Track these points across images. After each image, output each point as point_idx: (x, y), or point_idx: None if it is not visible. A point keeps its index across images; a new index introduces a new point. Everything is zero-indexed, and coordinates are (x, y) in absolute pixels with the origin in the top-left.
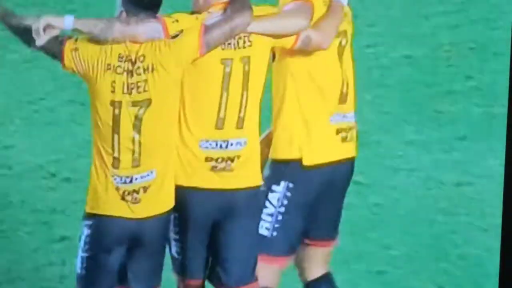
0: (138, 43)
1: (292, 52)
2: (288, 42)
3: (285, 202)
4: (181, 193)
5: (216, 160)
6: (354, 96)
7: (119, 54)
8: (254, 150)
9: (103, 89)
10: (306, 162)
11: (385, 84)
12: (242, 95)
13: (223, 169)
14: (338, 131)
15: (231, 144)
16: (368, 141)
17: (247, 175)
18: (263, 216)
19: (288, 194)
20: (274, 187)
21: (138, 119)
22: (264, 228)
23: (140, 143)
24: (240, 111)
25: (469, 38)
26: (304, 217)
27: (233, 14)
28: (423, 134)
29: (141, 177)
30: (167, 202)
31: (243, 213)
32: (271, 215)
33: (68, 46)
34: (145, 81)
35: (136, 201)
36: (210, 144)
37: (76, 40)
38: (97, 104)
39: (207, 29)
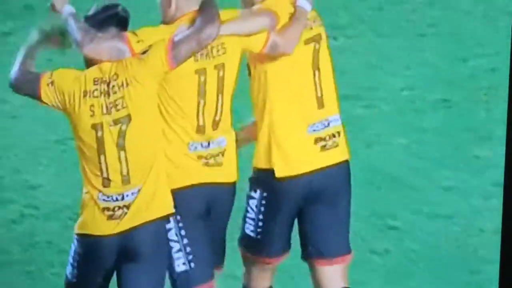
0: (107, 62)
1: (268, 60)
2: (256, 47)
3: (262, 209)
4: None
5: None
6: (336, 98)
7: (94, 78)
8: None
9: (83, 115)
10: (278, 173)
11: (421, 128)
12: (217, 99)
13: None
14: (316, 141)
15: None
16: (405, 186)
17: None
18: (247, 219)
19: (263, 202)
20: (252, 193)
21: (121, 137)
22: (250, 230)
23: (127, 160)
24: (216, 115)
25: (508, 81)
26: (289, 225)
27: (202, 26)
28: (461, 179)
29: (132, 194)
30: (160, 208)
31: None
32: (253, 219)
33: (44, 80)
34: (122, 97)
35: (124, 216)
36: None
37: (51, 74)
38: (79, 130)
39: (174, 44)
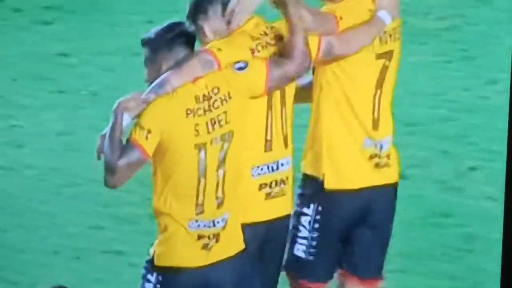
0: (200, 82)
1: (331, 72)
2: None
3: (316, 226)
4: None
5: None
6: (391, 119)
7: (195, 96)
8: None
9: (186, 136)
10: (328, 185)
11: None
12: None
13: None
14: (370, 157)
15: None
16: None
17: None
18: (298, 239)
19: (318, 217)
20: (305, 209)
21: (222, 155)
22: (301, 251)
23: (224, 180)
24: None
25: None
26: (340, 244)
27: (295, 62)
28: None
29: (222, 220)
30: (239, 242)
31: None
32: (305, 238)
33: (140, 138)
34: (225, 112)
35: (213, 245)
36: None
37: (140, 124)
38: (176, 153)
39: (270, 69)
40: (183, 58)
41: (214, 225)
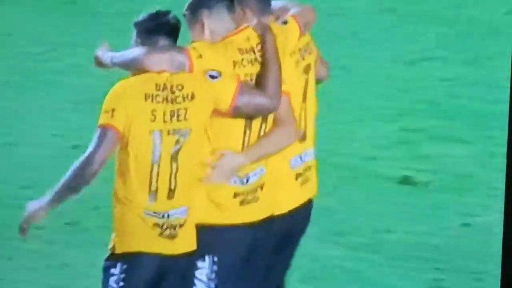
0: (165, 73)
1: None
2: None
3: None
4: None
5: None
6: (314, 130)
7: (156, 83)
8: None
9: (143, 119)
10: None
11: None
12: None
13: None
14: (297, 176)
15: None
16: None
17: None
18: None
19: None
20: None
21: (176, 148)
22: None
23: (176, 173)
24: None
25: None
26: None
27: (266, 98)
28: None
29: (175, 213)
30: (194, 240)
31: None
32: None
33: (107, 121)
34: (186, 109)
35: (173, 237)
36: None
37: (108, 108)
38: (134, 136)
39: (242, 89)
40: (160, 47)
41: (168, 217)
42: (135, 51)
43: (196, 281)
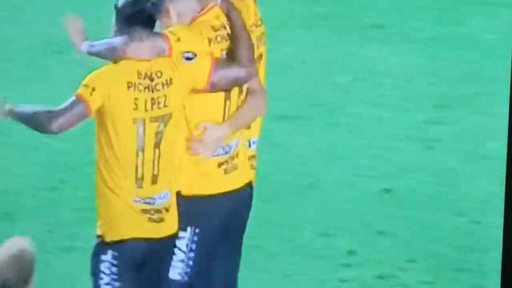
0: (145, 60)
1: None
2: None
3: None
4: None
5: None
6: (259, 121)
7: (137, 71)
8: None
9: (125, 108)
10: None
11: None
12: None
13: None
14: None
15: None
16: None
17: None
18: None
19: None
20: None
21: (158, 135)
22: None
23: (159, 159)
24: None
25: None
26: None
27: (241, 68)
28: None
29: (159, 197)
30: (177, 222)
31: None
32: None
33: (86, 95)
34: (165, 96)
35: (160, 220)
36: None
37: (87, 84)
38: (117, 124)
39: (216, 65)
40: (139, 35)
41: (154, 202)
42: (115, 41)
43: (176, 250)
